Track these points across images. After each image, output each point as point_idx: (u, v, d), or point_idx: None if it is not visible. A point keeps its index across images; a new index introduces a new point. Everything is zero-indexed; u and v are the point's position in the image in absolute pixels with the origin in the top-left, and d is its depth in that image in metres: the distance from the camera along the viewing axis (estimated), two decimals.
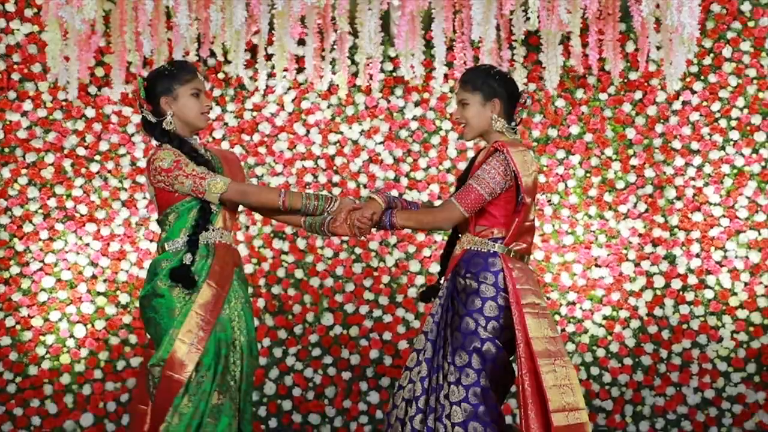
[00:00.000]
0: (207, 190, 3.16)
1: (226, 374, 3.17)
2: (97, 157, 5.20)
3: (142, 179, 5.20)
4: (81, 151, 5.18)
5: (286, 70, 4.95)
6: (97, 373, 5.05)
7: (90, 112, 5.19)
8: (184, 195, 3.20)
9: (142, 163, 5.21)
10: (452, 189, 5.24)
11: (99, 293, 5.10)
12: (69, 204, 5.14)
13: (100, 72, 5.16)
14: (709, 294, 5.10)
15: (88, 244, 5.13)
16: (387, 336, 5.16)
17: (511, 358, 3.26)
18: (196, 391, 3.12)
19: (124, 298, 5.11)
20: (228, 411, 3.15)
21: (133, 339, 5.10)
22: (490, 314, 3.17)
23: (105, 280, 5.11)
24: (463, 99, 3.28)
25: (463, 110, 3.29)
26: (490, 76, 3.27)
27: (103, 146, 5.20)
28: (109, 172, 5.20)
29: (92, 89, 5.19)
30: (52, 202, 5.12)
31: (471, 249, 3.24)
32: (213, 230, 3.23)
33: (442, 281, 3.34)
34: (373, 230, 3.36)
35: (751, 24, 5.16)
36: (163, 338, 3.15)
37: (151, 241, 5.16)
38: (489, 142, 3.31)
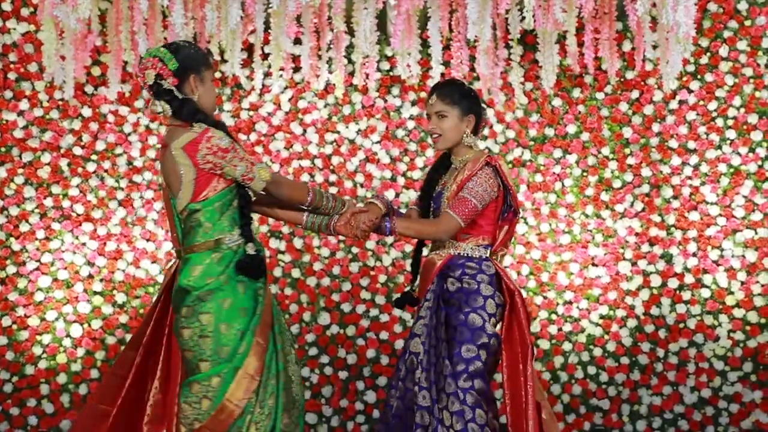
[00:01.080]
0: (256, 176, 3.10)
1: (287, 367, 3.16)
2: (94, 157, 5.20)
3: (138, 178, 5.20)
4: (77, 151, 5.18)
5: (282, 69, 4.95)
6: (94, 373, 5.05)
7: (86, 112, 5.18)
8: (227, 182, 3.09)
9: (138, 163, 5.21)
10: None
11: (95, 293, 5.10)
12: (65, 203, 5.14)
13: (96, 71, 5.16)
14: (705, 293, 5.10)
15: (84, 244, 5.13)
16: (384, 335, 5.16)
17: None
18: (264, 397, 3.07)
19: (120, 297, 5.11)
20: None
21: (129, 338, 5.09)
22: (491, 311, 3.36)
23: (101, 280, 5.11)
24: (441, 111, 3.44)
25: (439, 121, 3.45)
26: (467, 92, 3.47)
27: (100, 146, 5.20)
28: (106, 171, 5.20)
29: (89, 88, 5.19)
30: (48, 202, 5.12)
31: (459, 254, 3.42)
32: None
33: (415, 286, 3.51)
34: (372, 234, 3.48)
35: (747, 23, 5.16)
36: (233, 342, 3.05)
37: (147, 240, 5.16)
38: (456, 155, 3.51)
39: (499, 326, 3.39)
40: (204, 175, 3.06)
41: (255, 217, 5.10)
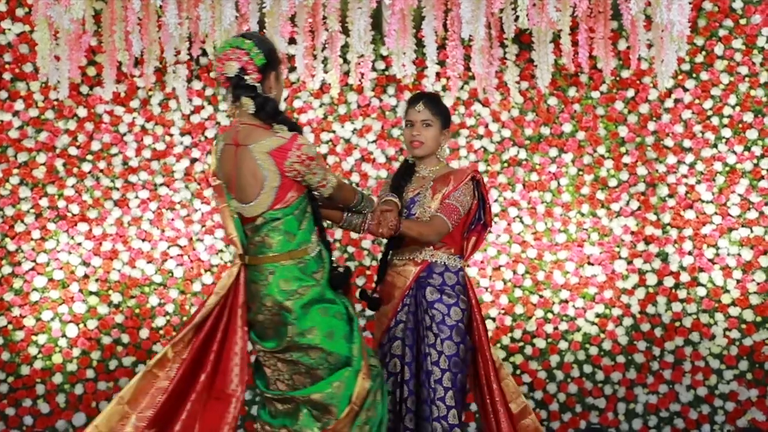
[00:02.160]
0: (328, 182, 3.08)
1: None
2: (89, 157, 5.20)
3: (134, 178, 5.20)
4: (73, 151, 5.18)
5: None
6: (90, 373, 5.05)
7: (82, 112, 5.18)
8: (300, 189, 3.04)
9: (133, 163, 5.21)
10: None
11: (91, 293, 5.10)
12: (61, 203, 5.14)
13: (92, 71, 5.16)
14: (701, 291, 5.10)
15: (80, 244, 5.12)
16: None
17: None
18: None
19: (116, 297, 5.11)
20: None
21: (125, 338, 5.10)
22: (466, 323, 3.50)
23: (97, 280, 5.11)
24: (427, 120, 3.57)
25: (424, 129, 3.57)
26: (447, 109, 3.63)
27: (95, 146, 5.19)
28: (101, 171, 5.19)
29: (84, 89, 5.19)
30: (44, 202, 5.11)
31: (437, 262, 3.52)
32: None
33: (378, 288, 3.60)
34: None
35: (743, 22, 5.16)
36: (344, 348, 3.07)
37: (143, 240, 5.16)
38: (426, 165, 3.62)
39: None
40: (287, 182, 2.99)
41: None
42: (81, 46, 4.37)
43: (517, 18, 4.05)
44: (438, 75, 5.14)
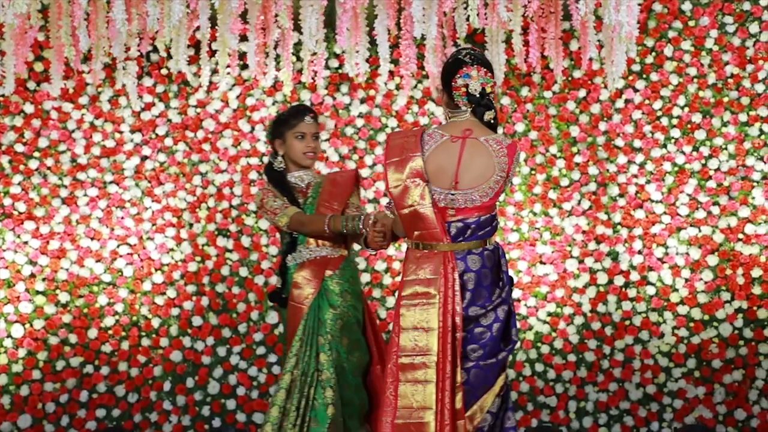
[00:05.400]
0: (277, 223, 3.67)
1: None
2: (36, 154, 5.11)
3: (82, 176, 5.12)
4: (19, 148, 5.08)
5: (229, 66, 4.89)
6: (36, 374, 4.96)
7: (29, 108, 5.09)
8: None
9: (82, 160, 5.13)
10: None
11: (38, 292, 5.01)
12: (7, 201, 5.04)
13: (39, 67, 5.07)
14: (650, 290, 5.16)
15: (26, 242, 5.03)
16: None
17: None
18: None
19: (63, 296, 5.03)
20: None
21: (73, 338, 5.01)
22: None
23: (44, 279, 5.02)
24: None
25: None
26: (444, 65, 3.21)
27: (43, 143, 5.10)
28: (49, 169, 5.11)
29: (31, 84, 5.10)
30: None
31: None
32: (302, 251, 3.68)
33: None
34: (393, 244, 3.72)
35: (691, 23, 5.22)
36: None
37: (92, 239, 5.08)
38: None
39: None
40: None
41: (202, 216, 5.13)
42: (26, 41, 4.28)
43: (468, 18, 4.06)
44: (391, 73, 5.13)
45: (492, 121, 3.18)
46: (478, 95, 3.12)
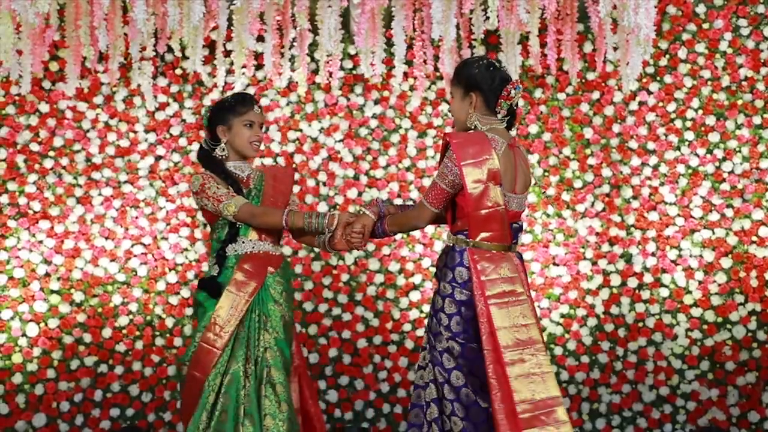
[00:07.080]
0: (222, 211, 3.45)
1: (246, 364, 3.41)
2: (51, 153, 5.11)
3: (97, 176, 5.13)
4: (34, 147, 5.09)
5: (244, 66, 4.90)
6: (50, 373, 4.97)
7: (44, 107, 5.10)
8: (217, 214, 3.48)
9: (97, 159, 5.14)
10: (412, 187, 5.26)
11: (52, 291, 5.02)
12: (22, 200, 5.05)
13: (54, 66, 5.08)
14: (664, 292, 5.16)
15: (41, 242, 5.04)
16: (346, 334, 5.15)
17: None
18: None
19: (78, 296, 5.03)
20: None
21: (87, 338, 5.02)
22: (450, 311, 3.18)
23: (59, 278, 5.03)
24: (451, 92, 3.37)
25: (451, 104, 3.45)
26: (471, 67, 3.25)
27: (58, 142, 5.11)
28: (64, 168, 5.11)
29: (46, 84, 5.10)
30: (4, 199, 5.02)
31: (447, 245, 3.28)
32: (244, 242, 3.49)
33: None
34: (370, 243, 3.62)
35: (705, 26, 5.23)
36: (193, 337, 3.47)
37: (106, 238, 5.09)
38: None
39: None
40: (203, 209, 3.56)
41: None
42: (44, 41, 4.30)
43: (487, 19, 4.07)
44: (406, 75, 5.14)
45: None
46: (515, 109, 3.32)
